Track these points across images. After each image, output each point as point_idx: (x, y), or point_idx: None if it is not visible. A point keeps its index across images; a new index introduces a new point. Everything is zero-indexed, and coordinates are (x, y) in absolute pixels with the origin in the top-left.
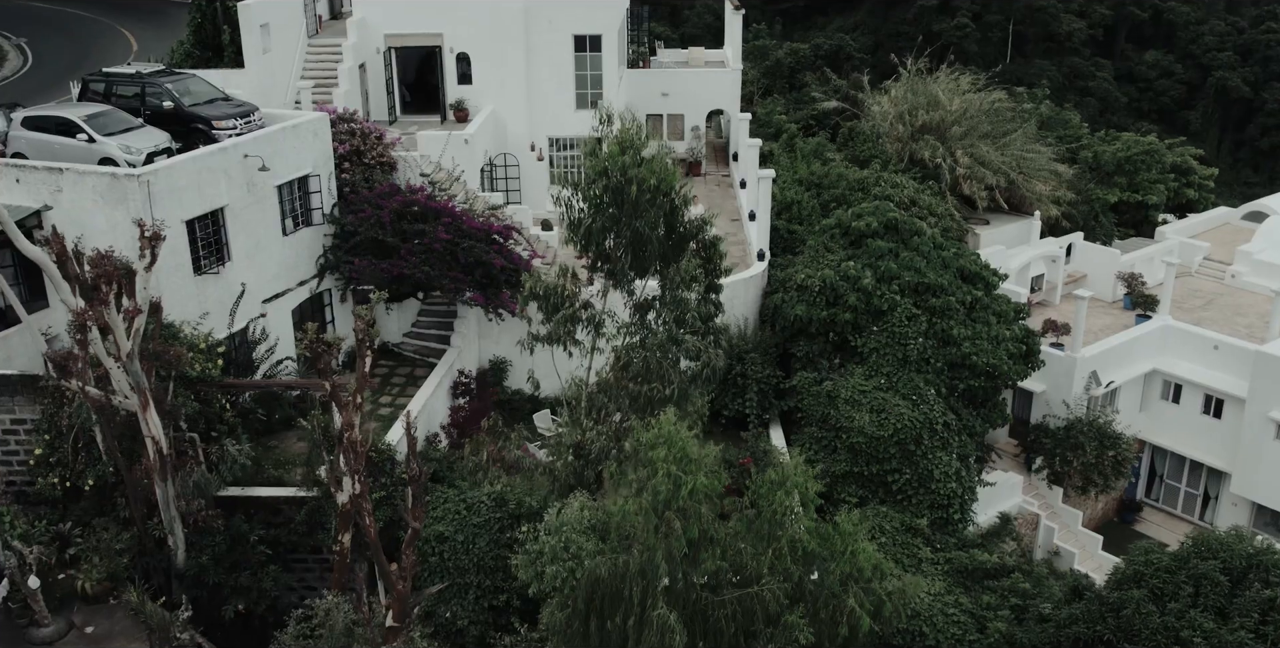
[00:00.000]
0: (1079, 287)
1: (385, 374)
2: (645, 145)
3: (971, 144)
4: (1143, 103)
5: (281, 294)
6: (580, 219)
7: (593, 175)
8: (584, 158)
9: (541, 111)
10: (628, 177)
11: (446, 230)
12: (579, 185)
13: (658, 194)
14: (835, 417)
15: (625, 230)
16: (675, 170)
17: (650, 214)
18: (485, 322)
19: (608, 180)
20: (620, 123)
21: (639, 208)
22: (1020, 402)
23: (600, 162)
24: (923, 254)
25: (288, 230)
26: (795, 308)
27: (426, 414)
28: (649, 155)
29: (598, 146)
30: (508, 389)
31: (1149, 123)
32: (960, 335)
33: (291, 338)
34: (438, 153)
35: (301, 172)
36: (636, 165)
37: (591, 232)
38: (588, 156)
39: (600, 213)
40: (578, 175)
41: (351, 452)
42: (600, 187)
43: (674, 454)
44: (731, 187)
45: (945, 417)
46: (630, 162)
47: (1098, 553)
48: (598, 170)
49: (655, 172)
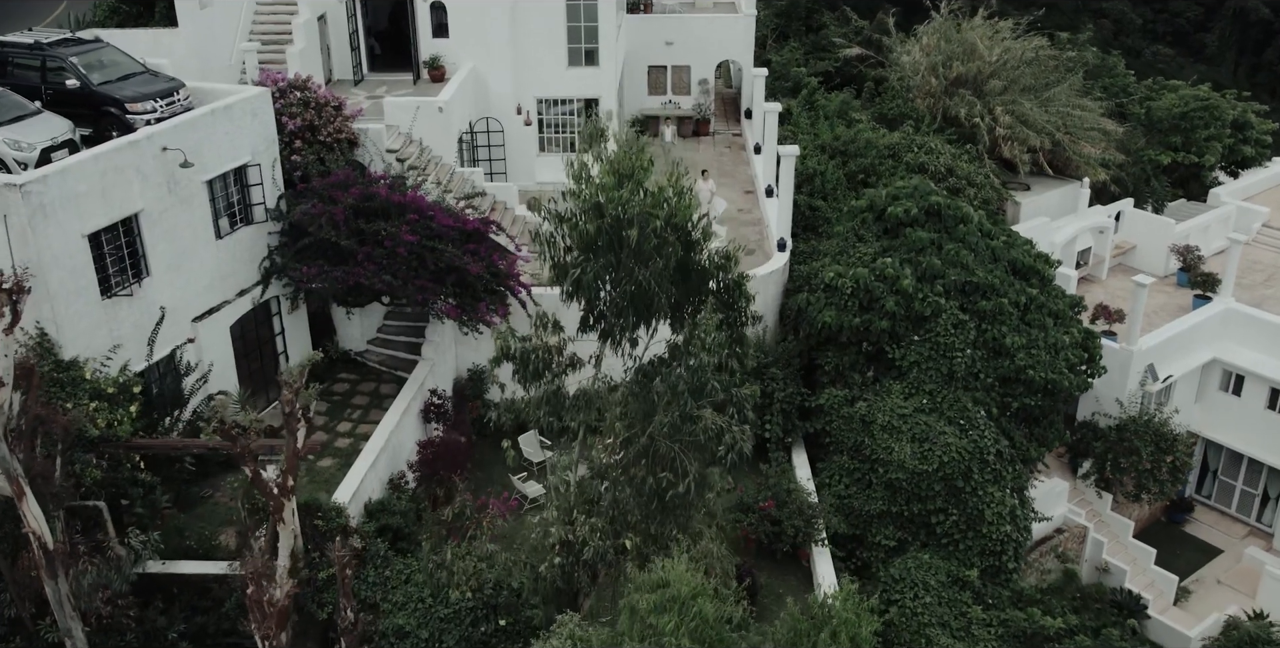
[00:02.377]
0: (1127, 258)
1: (346, 392)
2: (649, 170)
3: (1012, 100)
4: (1158, 24)
5: (216, 309)
6: (567, 264)
7: (581, 211)
8: (569, 188)
9: (529, 69)
10: (628, 217)
11: (412, 230)
12: (564, 220)
13: (668, 233)
14: (870, 446)
15: (625, 282)
16: (691, 201)
17: (658, 263)
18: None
19: (601, 220)
20: (615, 141)
21: (643, 255)
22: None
23: (590, 194)
24: (969, 246)
25: (223, 232)
26: (823, 313)
27: (391, 450)
28: (656, 183)
29: (585, 172)
30: (489, 403)
31: (1164, 46)
32: (1014, 345)
33: (232, 360)
34: (407, 122)
35: (238, 161)
36: (640, 201)
37: (581, 283)
38: (574, 181)
39: (592, 260)
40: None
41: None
42: (593, 226)
43: (686, 623)
44: (744, 149)
45: (998, 444)
46: (631, 197)
47: (1150, 568)
48: (587, 205)
49: (665, 206)
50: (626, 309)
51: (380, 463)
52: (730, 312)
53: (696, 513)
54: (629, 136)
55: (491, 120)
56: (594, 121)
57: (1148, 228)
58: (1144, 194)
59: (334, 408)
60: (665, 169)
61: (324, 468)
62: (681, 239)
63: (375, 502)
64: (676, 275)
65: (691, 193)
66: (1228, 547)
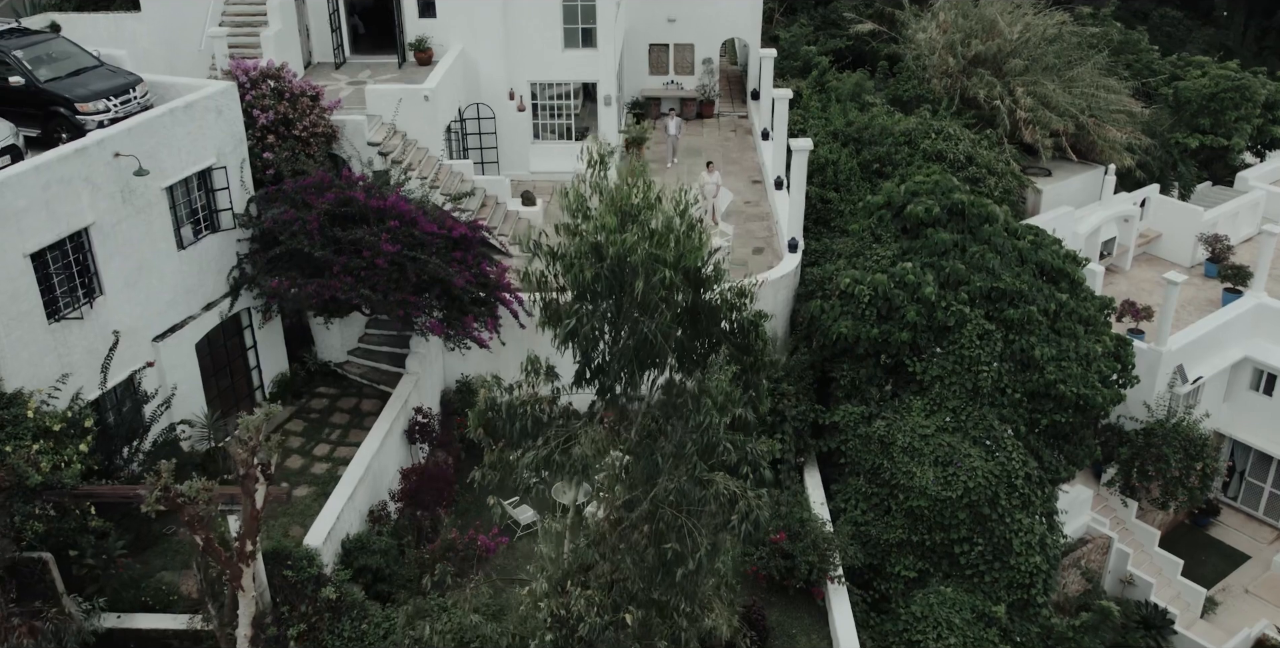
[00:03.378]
0: (1152, 247)
1: (324, 409)
2: (655, 207)
3: (1034, 80)
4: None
5: (180, 326)
6: (562, 312)
7: (578, 253)
8: (563, 223)
9: (522, 51)
10: (630, 263)
11: (393, 238)
12: (559, 257)
13: (677, 277)
14: (889, 469)
15: (627, 335)
16: (704, 241)
17: (665, 314)
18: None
19: (601, 264)
20: (617, 172)
21: (648, 306)
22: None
23: (590, 231)
24: (995, 247)
25: (186, 242)
26: (839, 324)
27: (372, 477)
28: (663, 215)
29: (582, 206)
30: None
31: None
32: (1043, 356)
33: (199, 380)
34: (390, 112)
35: (202, 164)
36: (645, 245)
37: (577, 333)
38: (570, 214)
39: (590, 311)
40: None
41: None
42: (590, 272)
43: None
44: (750, 134)
45: (1026, 466)
46: (636, 240)
47: (1176, 579)
48: (584, 248)
49: (674, 244)
50: (629, 363)
51: (359, 495)
52: (745, 356)
53: (705, 582)
54: (632, 167)
55: (483, 106)
56: (595, 143)
57: (1174, 216)
58: (1169, 179)
59: (311, 428)
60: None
61: (299, 499)
62: (691, 281)
63: (353, 538)
64: (684, 317)
65: (701, 228)
66: (1255, 552)
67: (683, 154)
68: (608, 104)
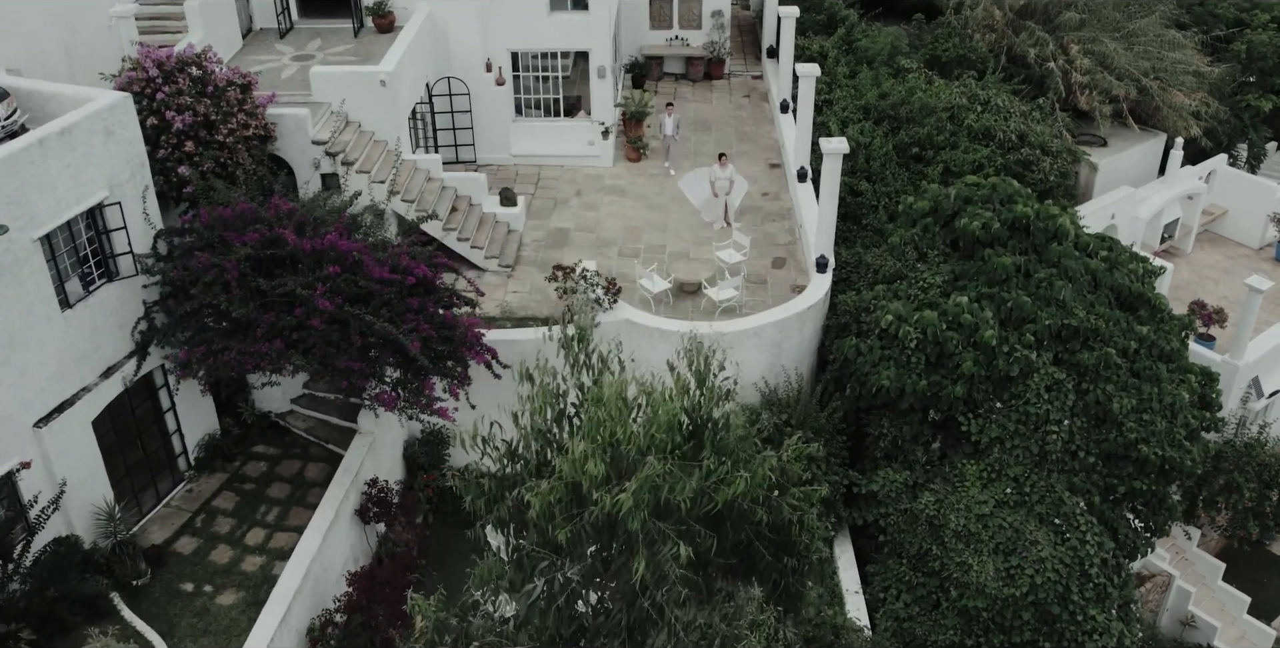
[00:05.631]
0: (1216, 225)
1: (261, 477)
2: (667, 445)
3: (1092, 37)
4: None
5: (71, 403)
6: (525, 565)
7: (547, 500)
8: (523, 460)
9: (501, 15)
10: (627, 526)
11: (332, 288)
12: (535, 518)
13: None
14: (940, 558)
15: (620, 609)
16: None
17: (673, 574)
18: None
19: (581, 519)
20: (618, 384)
21: (650, 581)
22: None
23: (569, 473)
24: (1065, 272)
25: (73, 299)
26: (880, 373)
27: (313, 582)
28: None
29: (550, 432)
30: (450, 470)
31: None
32: (1122, 409)
33: (100, 465)
34: (341, 98)
35: (88, 201)
36: (648, 505)
37: (543, 605)
38: (532, 439)
39: (564, 580)
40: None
41: None
42: (564, 533)
43: None
44: (766, 100)
45: (1102, 550)
46: (633, 505)
47: (1242, 617)
48: (558, 494)
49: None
50: (622, 635)
51: (296, 609)
52: (784, 557)
53: None
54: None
55: (455, 81)
56: (575, 323)
57: (1243, 191)
58: (1236, 148)
59: (244, 504)
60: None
61: (225, 609)
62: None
63: None
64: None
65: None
66: None
67: (690, 128)
68: (602, 77)
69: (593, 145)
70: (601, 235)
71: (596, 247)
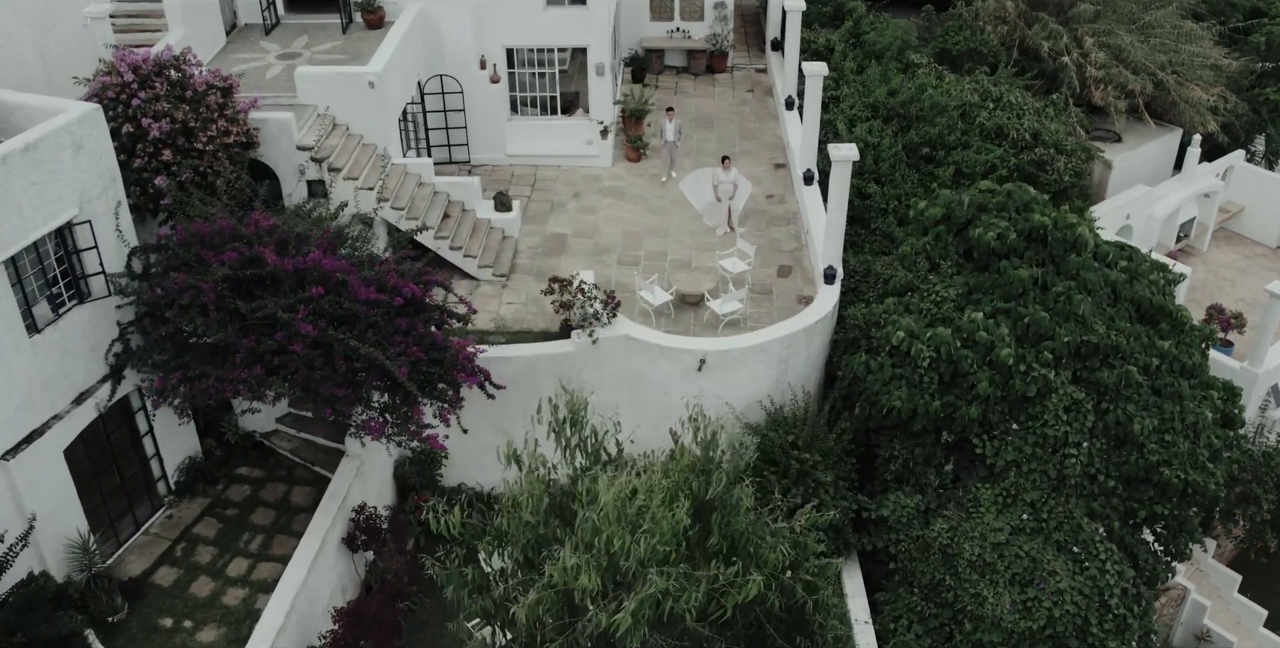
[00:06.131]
0: (1232, 223)
1: (245, 501)
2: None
3: (1107, 30)
4: None
5: (41, 432)
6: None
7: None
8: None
9: (495, 10)
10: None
11: (315, 311)
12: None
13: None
14: (953, 588)
15: None
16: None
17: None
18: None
19: (570, 631)
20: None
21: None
22: None
23: (552, 572)
24: (1084, 285)
25: (41, 323)
26: (891, 394)
27: (298, 618)
28: None
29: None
30: (443, 490)
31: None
32: (1144, 430)
33: (73, 495)
34: (328, 100)
35: (57, 220)
36: (648, 620)
37: None
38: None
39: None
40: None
41: None
42: (557, 643)
43: None
44: (770, 95)
45: (1123, 579)
46: (631, 625)
47: (1258, 631)
48: (546, 603)
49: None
50: None
51: (281, 645)
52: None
53: None
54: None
55: (447, 78)
56: (560, 399)
57: (1261, 187)
58: (1254, 142)
59: (227, 532)
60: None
61: (205, 646)
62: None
63: None
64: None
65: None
66: None
67: (691, 125)
68: (600, 74)
69: (591, 145)
70: (600, 242)
71: (595, 254)
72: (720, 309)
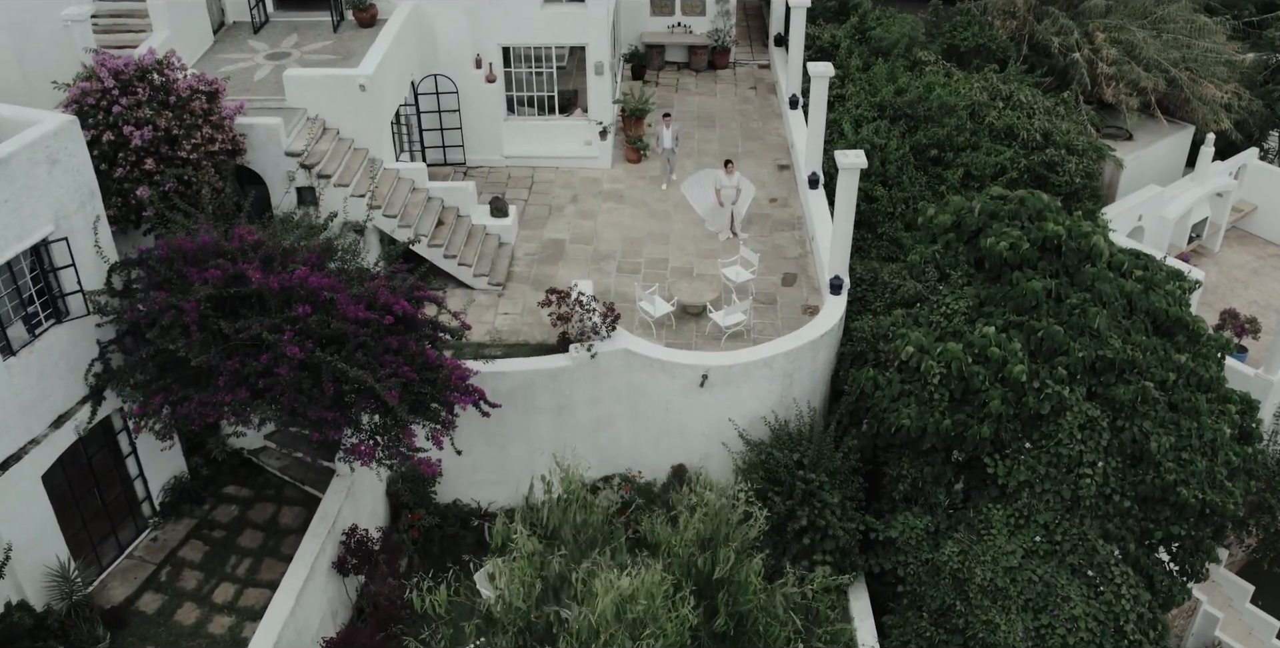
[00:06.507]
0: (1245, 221)
1: (232, 523)
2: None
3: (1118, 25)
4: None
5: (16, 458)
6: None
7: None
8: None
9: (491, 7)
10: None
11: (302, 332)
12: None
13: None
14: (964, 614)
15: None
16: None
17: None
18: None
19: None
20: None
21: None
22: None
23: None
24: (1100, 296)
25: (15, 346)
26: (900, 411)
27: (286, 645)
28: None
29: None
30: (437, 507)
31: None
32: (1160, 448)
33: (53, 521)
34: (317, 103)
35: (31, 238)
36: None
37: None
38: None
39: None
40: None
41: None
42: None
43: None
44: (774, 92)
45: (1139, 604)
46: None
47: (1271, 642)
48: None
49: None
50: None
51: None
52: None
53: None
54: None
55: (442, 78)
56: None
57: (1274, 186)
58: (1267, 139)
59: (213, 555)
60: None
61: None
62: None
63: None
64: None
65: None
66: None
67: (693, 125)
68: (599, 74)
69: (590, 146)
70: (599, 248)
71: (594, 261)
72: (723, 321)
